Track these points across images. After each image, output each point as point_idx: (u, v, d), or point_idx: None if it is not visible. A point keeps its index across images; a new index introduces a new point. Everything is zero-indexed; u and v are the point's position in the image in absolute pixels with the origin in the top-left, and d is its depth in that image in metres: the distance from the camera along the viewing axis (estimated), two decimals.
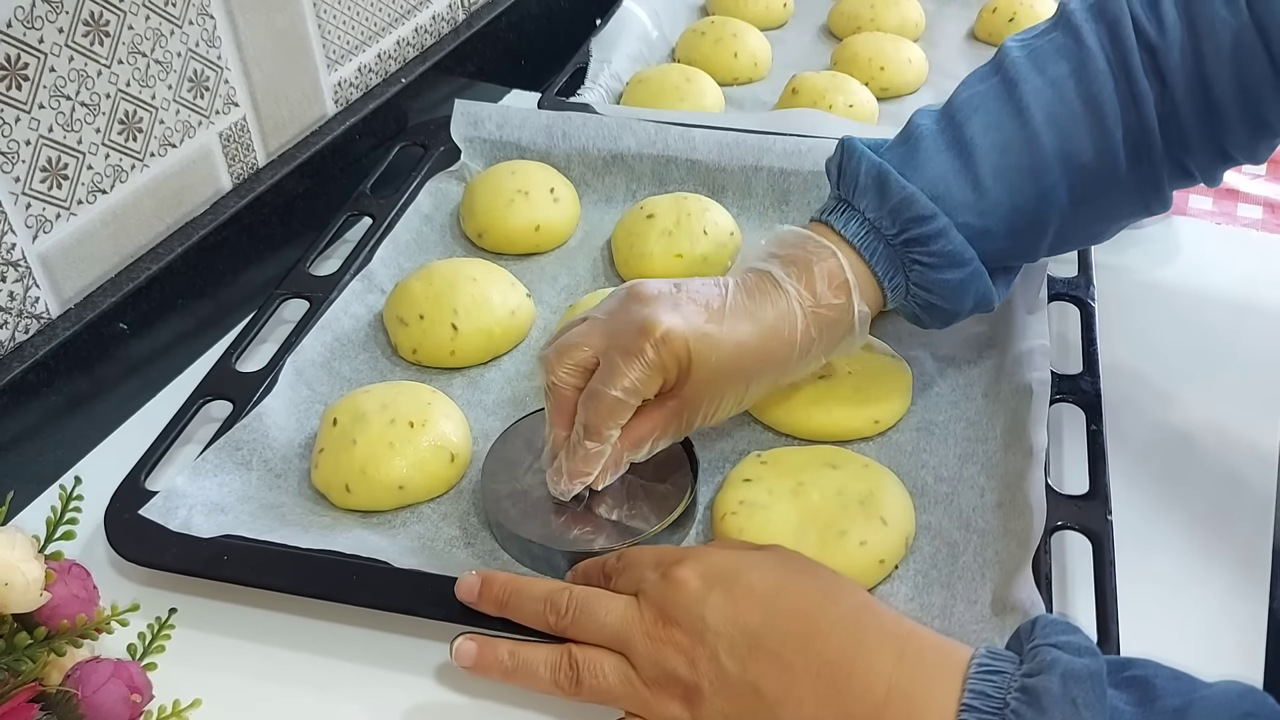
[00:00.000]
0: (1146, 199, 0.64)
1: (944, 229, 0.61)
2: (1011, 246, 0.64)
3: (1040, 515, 0.59)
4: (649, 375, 0.57)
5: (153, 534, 0.60)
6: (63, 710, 0.49)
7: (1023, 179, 0.62)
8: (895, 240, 0.62)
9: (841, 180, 0.65)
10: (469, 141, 0.92)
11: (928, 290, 0.64)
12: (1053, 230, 0.64)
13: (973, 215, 0.62)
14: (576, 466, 0.59)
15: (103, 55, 0.69)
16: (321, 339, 0.75)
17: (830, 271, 0.62)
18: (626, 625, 0.51)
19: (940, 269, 0.63)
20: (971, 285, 0.64)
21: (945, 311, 0.66)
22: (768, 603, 0.49)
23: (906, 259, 0.63)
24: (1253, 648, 0.59)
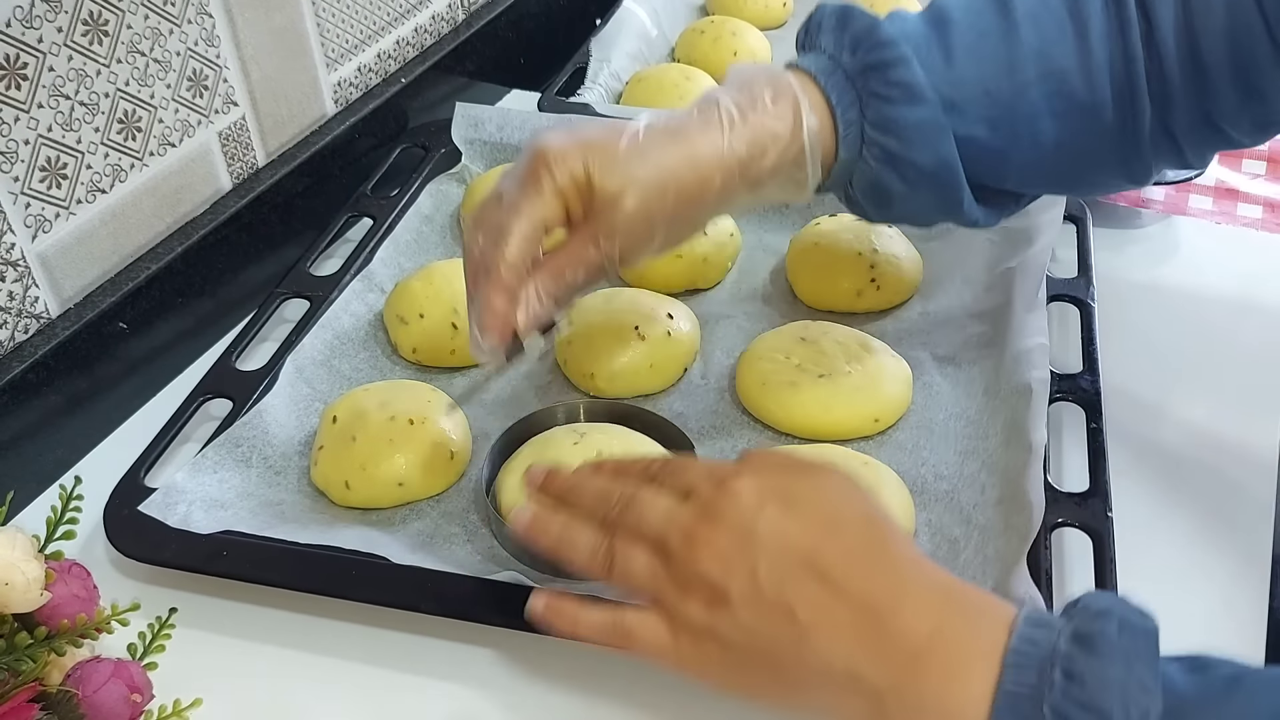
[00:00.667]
0: (1127, 155, 0.61)
1: (904, 57, 0.58)
2: (983, 139, 0.60)
3: (1039, 510, 0.59)
4: (538, 195, 0.54)
5: (152, 530, 0.60)
6: (63, 710, 0.49)
7: (997, 67, 0.59)
8: (853, 69, 0.58)
9: (808, 29, 0.62)
10: (470, 144, 0.92)
11: (884, 130, 0.58)
12: (1027, 142, 0.60)
13: (942, 82, 0.58)
14: (488, 306, 0.55)
15: (102, 55, 0.69)
16: (322, 337, 0.75)
17: (777, 87, 0.58)
18: (668, 522, 0.50)
19: (898, 102, 0.58)
20: (931, 133, 0.58)
21: (904, 164, 0.59)
22: (823, 528, 0.48)
23: (865, 90, 0.58)
24: (1253, 647, 0.59)
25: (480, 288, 0.56)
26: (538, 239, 0.56)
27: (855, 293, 0.78)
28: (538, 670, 0.58)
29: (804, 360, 0.70)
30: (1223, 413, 0.72)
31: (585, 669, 0.57)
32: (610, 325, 0.73)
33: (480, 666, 0.58)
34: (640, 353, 0.72)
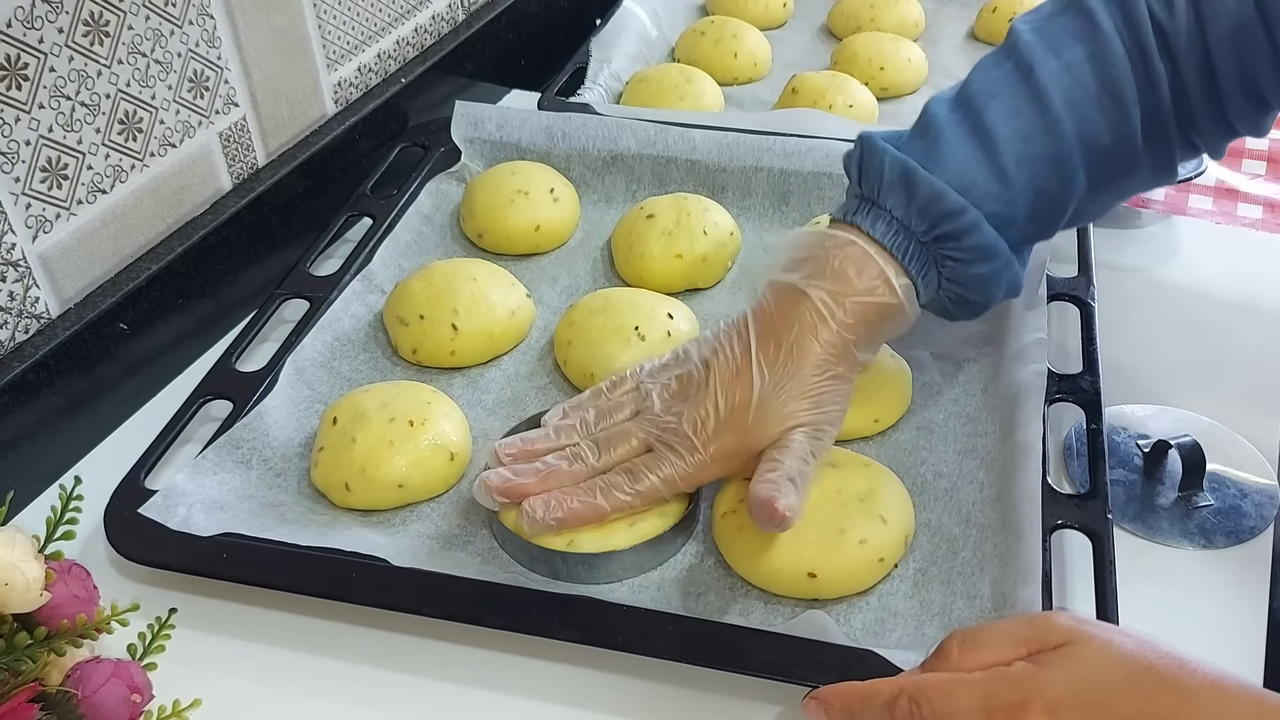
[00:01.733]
0: (1158, 173, 0.65)
1: (976, 223, 0.61)
2: (1033, 230, 0.64)
3: (1035, 507, 0.59)
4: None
5: (152, 532, 0.60)
6: (63, 710, 0.49)
7: (1045, 166, 0.61)
8: (926, 237, 0.62)
9: (864, 179, 0.63)
10: (469, 142, 0.92)
11: (960, 285, 0.63)
12: (1071, 210, 0.64)
13: (999, 205, 0.61)
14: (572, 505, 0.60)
15: (103, 55, 0.69)
16: (322, 338, 0.75)
17: (858, 263, 0.61)
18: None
19: (972, 263, 0.62)
20: (1003, 275, 0.63)
21: (976, 304, 0.65)
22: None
23: (939, 255, 0.62)
24: (1253, 647, 0.59)
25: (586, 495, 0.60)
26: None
27: None
28: (538, 672, 0.58)
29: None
30: (1223, 413, 0.72)
31: (585, 670, 0.57)
32: (610, 325, 0.73)
33: (480, 668, 0.58)
34: (640, 353, 0.72)
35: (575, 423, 0.64)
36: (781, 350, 0.60)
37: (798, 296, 0.61)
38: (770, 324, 0.61)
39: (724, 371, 0.61)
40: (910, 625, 0.58)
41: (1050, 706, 0.44)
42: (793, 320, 0.61)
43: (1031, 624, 0.48)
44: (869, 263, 0.61)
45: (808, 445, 0.60)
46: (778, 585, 0.60)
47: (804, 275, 0.62)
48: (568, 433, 0.64)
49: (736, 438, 0.60)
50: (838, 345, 0.61)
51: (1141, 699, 0.44)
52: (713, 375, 0.61)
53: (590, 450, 0.62)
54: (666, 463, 0.61)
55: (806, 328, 0.61)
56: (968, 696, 0.46)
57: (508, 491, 0.61)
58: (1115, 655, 0.45)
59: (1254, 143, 1.01)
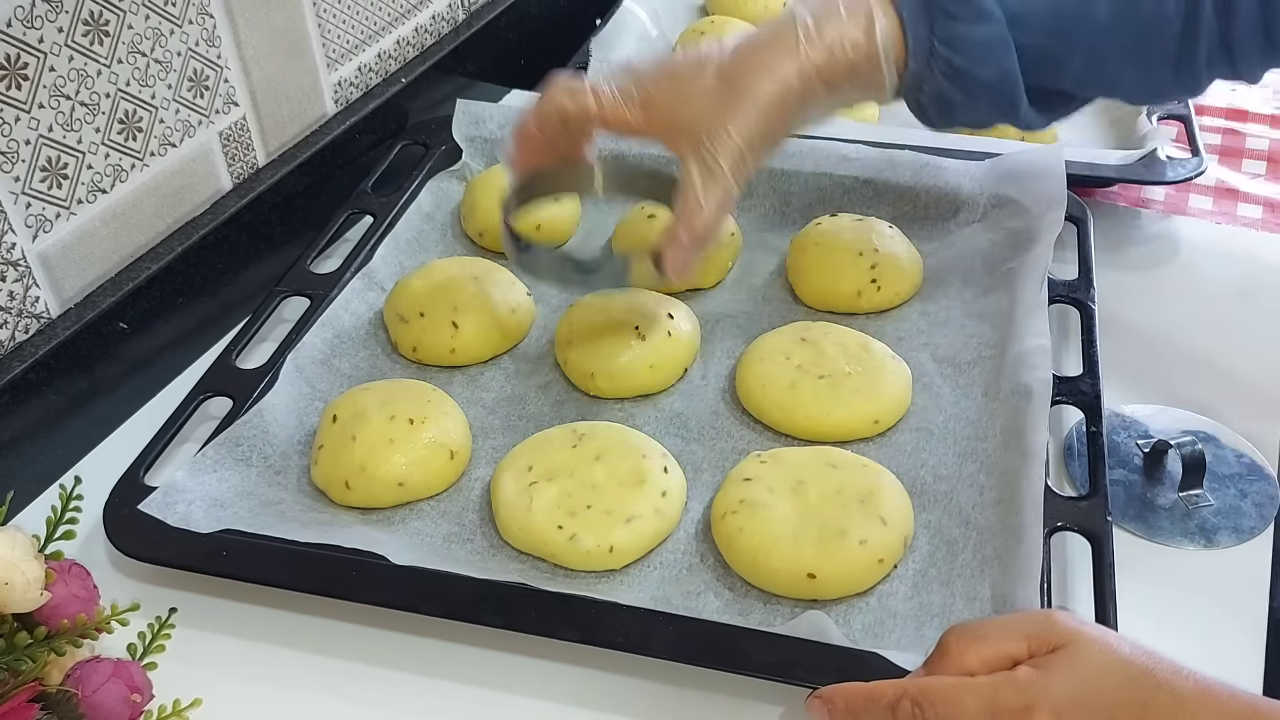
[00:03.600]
0: (1182, 65, 0.62)
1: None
2: (1044, 48, 0.62)
3: (1038, 512, 0.59)
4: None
5: (152, 529, 0.60)
6: (63, 710, 0.49)
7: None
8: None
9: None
10: (470, 141, 0.92)
11: (951, 47, 0.62)
12: (1087, 49, 0.62)
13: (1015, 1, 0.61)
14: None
15: (102, 55, 0.69)
16: (322, 336, 0.75)
17: (854, 8, 0.61)
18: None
19: (966, 20, 0.61)
20: (997, 51, 0.62)
21: (970, 81, 0.63)
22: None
23: (934, 8, 0.61)
24: (1253, 647, 0.59)
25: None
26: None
27: (855, 293, 0.78)
28: (538, 671, 0.58)
29: (804, 361, 0.70)
30: (1223, 413, 0.72)
31: (585, 670, 0.57)
32: (610, 325, 0.73)
33: (480, 667, 0.58)
34: (640, 353, 0.72)
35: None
36: (753, 54, 0.62)
37: (786, 15, 0.62)
38: (753, 35, 0.63)
39: (696, 53, 0.64)
40: (910, 626, 0.58)
41: (1055, 711, 0.44)
42: (770, 34, 0.62)
43: (1031, 620, 0.48)
44: (860, 2, 0.61)
45: (735, 158, 0.61)
46: (777, 586, 0.60)
47: (802, 2, 0.62)
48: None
49: (674, 104, 0.63)
50: (802, 68, 0.61)
51: (1141, 704, 0.44)
52: (681, 52, 0.68)
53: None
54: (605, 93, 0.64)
55: (781, 43, 0.62)
56: (972, 700, 0.46)
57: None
58: (1115, 659, 0.45)
59: (1254, 143, 1.01)
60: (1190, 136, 0.91)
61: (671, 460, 0.66)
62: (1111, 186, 0.91)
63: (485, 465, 0.68)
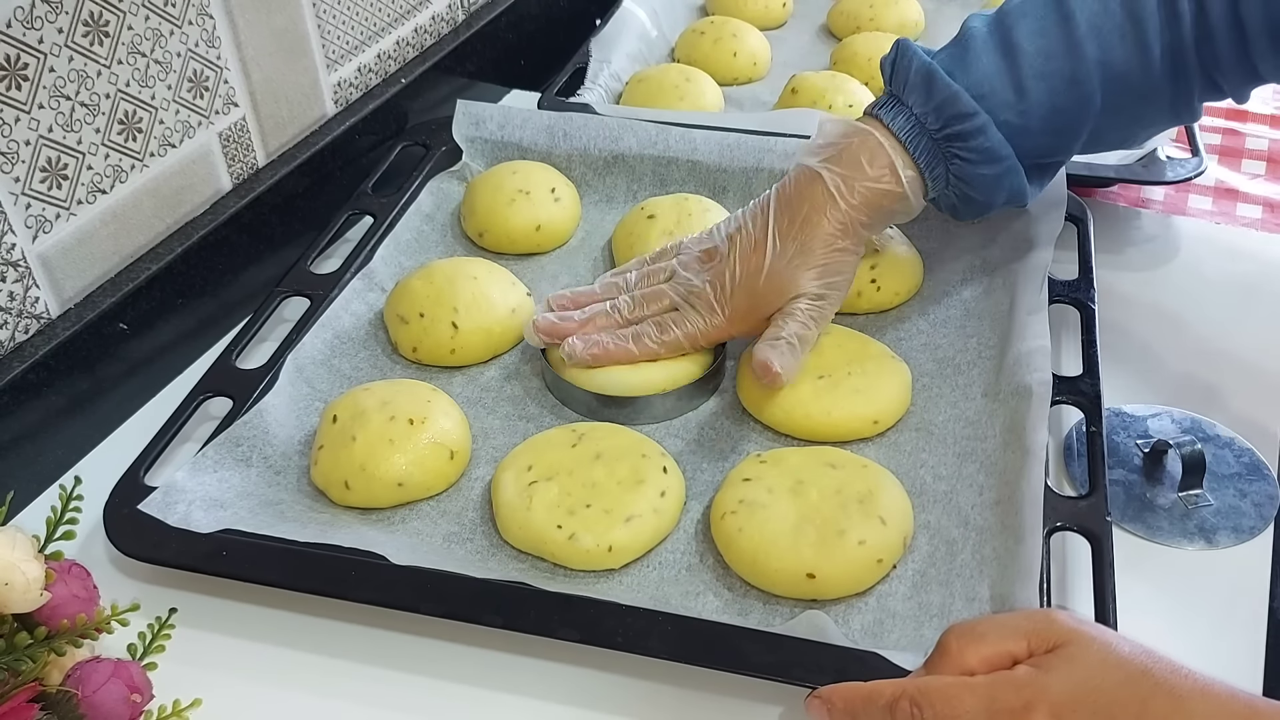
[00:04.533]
0: (1178, 110, 0.69)
1: (983, 126, 0.66)
2: (1048, 143, 0.69)
3: (1038, 512, 0.59)
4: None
5: (152, 529, 0.60)
6: (63, 710, 0.49)
7: (1064, 84, 0.66)
8: (938, 135, 0.68)
9: (894, 77, 0.70)
10: (470, 141, 0.92)
11: (965, 183, 0.69)
12: (1087, 131, 0.69)
13: (1013, 114, 0.67)
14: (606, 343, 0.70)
15: (102, 55, 0.69)
16: (322, 336, 0.75)
17: (871, 152, 0.68)
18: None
19: (978, 164, 0.68)
20: (1005, 180, 0.69)
21: (979, 203, 0.71)
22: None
23: (948, 153, 0.68)
24: (1253, 648, 0.59)
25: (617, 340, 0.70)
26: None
27: (855, 293, 0.78)
28: (538, 671, 0.58)
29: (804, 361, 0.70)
30: (1223, 413, 0.72)
31: (585, 670, 0.57)
32: None
33: (480, 667, 0.58)
34: (655, 378, 0.71)
35: (619, 281, 0.74)
36: (795, 225, 0.69)
37: (814, 178, 0.69)
38: (788, 201, 0.69)
39: (744, 243, 0.70)
40: (909, 626, 0.58)
41: (1054, 710, 0.44)
42: (807, 198, 0.69)
43: (1030, 618, 0.48)
44: (881, 153, 0.68)
45: (810, 311, 0.68)
46: (777, 586, 0.60)
47: (822, 160, 0.69)
48: (610, 289, 0.74)
49: (749, 301, 0.69)
50: (845, 223, 0.68)
51: (1139, 703, 0.44)
52: (734, 247, 0.70)
53: (627, 304, 0.72)
54: (690, 321, 0.70)
55: (818, 206, 0.68)
56: (971, 699, 0.46)
57: (552, 332, 0.72)
58: (1114, 658, 0.46)
59: (1254, 143, 1.01)
60: (1190, 136, 0.91)
61: (670, 460, 0.66)
62: (1111, 186, 0.91)
63: (485, 465, 0.68)
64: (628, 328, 0.71)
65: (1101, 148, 0.74)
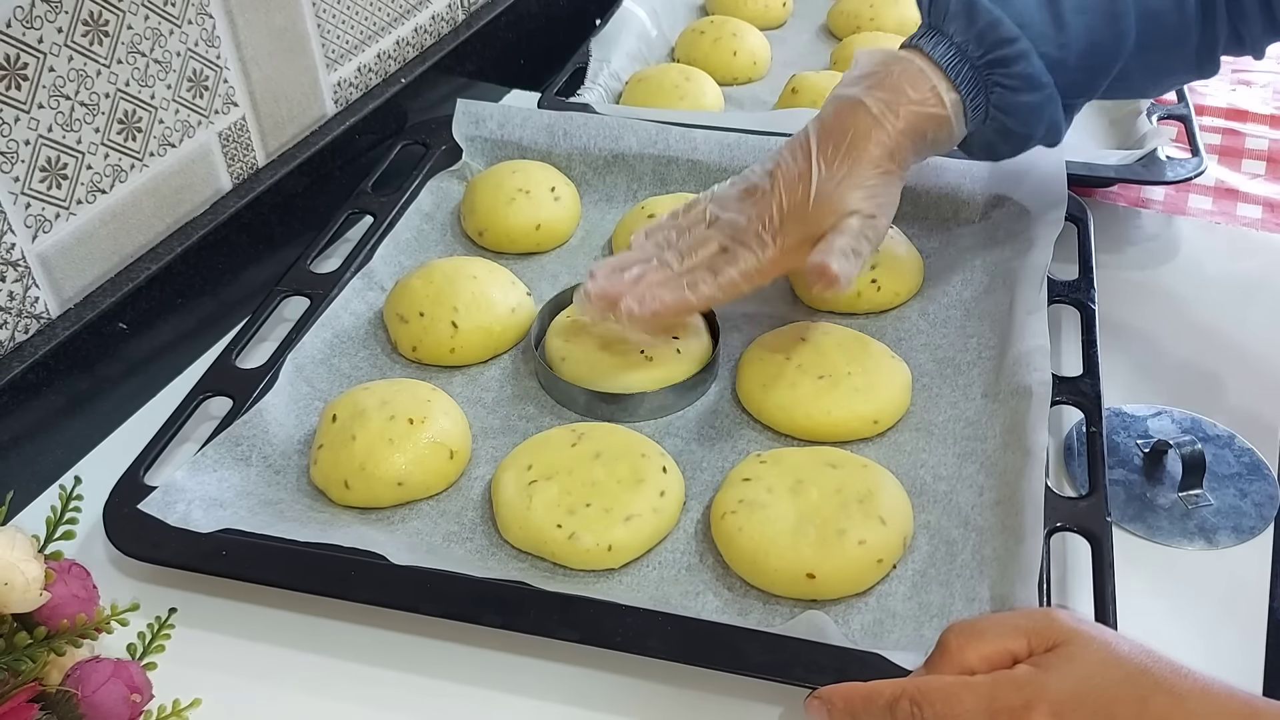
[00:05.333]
0: (1201, 60, 0.70)
1: (1026, 52, 0.66)
2: (1082, 80, 0.69)
3: (1038, 513, 0.59)
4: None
5: (152, 529, 0.60)
6: (63, 710, 0.49)
7: (1101, 20, 0.67)
8: (979, 62, 0.67)
9: (933, 7, 0.69)
10: (470, 140, 0.92)
11: (1005, 113, 0.69)
12: (1116, 70, 0.69)
13: (1052, 46, 0.67)
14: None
15: (102, 55, 0.69)
16: (322, 336, 0.75)
17: (912, 78, 0.67)
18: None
19: (1019, 91, 0.68)
20: (1045, 110, 0.69)
21: (1018, 136, 0.71)
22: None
23: (989, 81, 0.68)
24: (1253, 648, 0.59)
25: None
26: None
27: (855, 293, 0.78)
28: (537, 672, 0.58)
29: (804, 361, 0.70)
30: (1223, 413, 0.72)
31: (585, 670, 0.57)
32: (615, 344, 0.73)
33: (480, 668, 0.58)
34: (652, 375, 0.71)
35: (658, 239, 0.72)
36: (839, 151, 0.67)
37: (856, 104, 0.67)
38: (829, 130, 0.68)
39: (787, 175, 0.68)
40: (909, 626, 0.58)
41: (1054, 709, 0.44)
42: (849, 125, 0.67)
43: (1030, 617, 0.48)
44: (923, 78, 0.67)
45: (863, 228, 0.66)
46: (777, 585, 0.60)
47: (865, 87, 0.68)
48: (650, 250, 0.71)
49: (801, 228, 0.67)
50: (890, 145, 0.67)
51: (1139, 702, 0.44)
52: (776, 180, 0.68)
53: (675, 257, 0.70)
54: (742, 258, 0.68)
55: (862, 131, 0.67)
56: (971, 699, 0.46)
57: (604, 295, 0.68)
58: (1114, 657, 0.46)
59: (1254, 143, 1.01)
60: (1190, 136, 0.91)
61: (670, 460, 0.66)
62: (1111, 186, 0.91)
63: (485, 465, 0.68)
64: (681, 278, 0.69)
65: (1123, 92, 0.74)
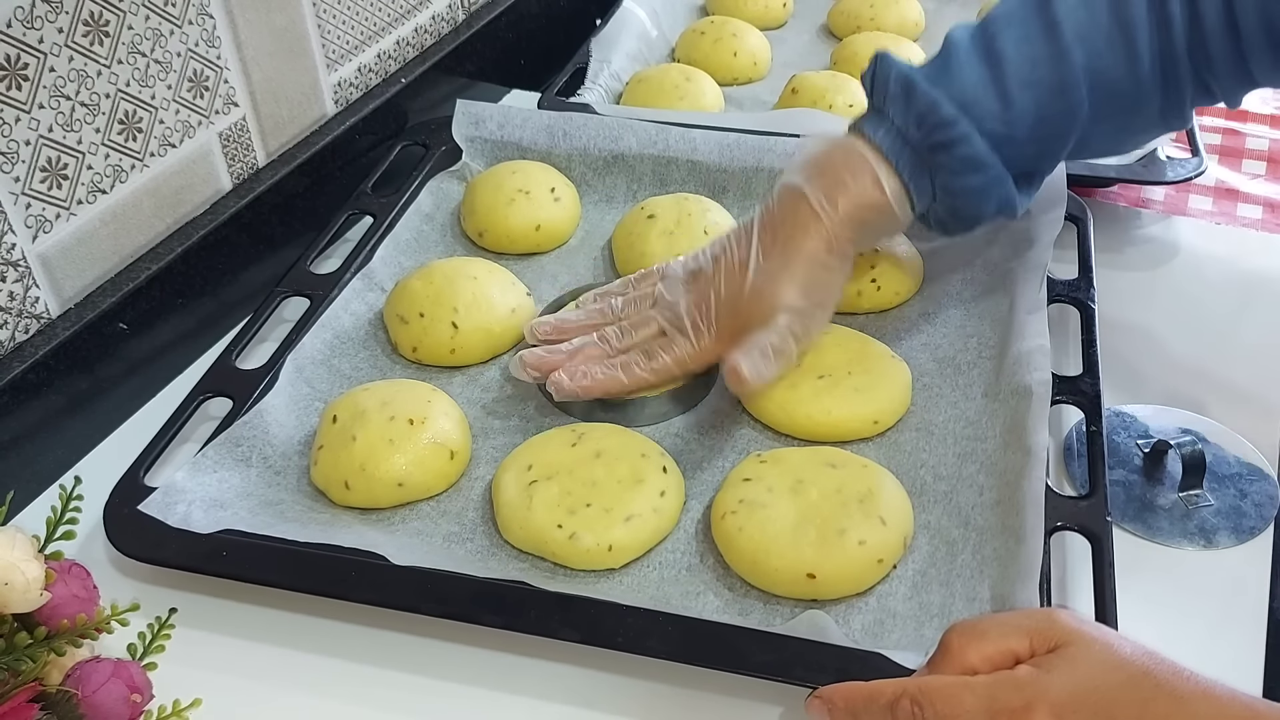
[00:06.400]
0: (1167, 117, 0.67)
1: (966, 135, 0.64)
2: (1034, 152, 0.68)
3: (1039, 512, 0.59)
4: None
5: (152, 530, 0.60)
6: (63, 710, 0.49)
7: (1049, 93, 0.65)
8: (921, 146, 0.66)
9: (874, 89, 0.68)
10: (470, 141, 0.92)
11: (951, 195, 0.67)
12: (1074, 139, 0.67)
13: (999, 124, 0.65)
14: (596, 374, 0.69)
15: (102, 55, 0.69)
16: (322, 336, 0.75)
17: (853, 166, 0.67)
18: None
19: (962, 174, 0.66)
20: (993, 190, 0.67)
21: (968, 216, 0.69)
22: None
23: (933, 164, 0.66)
24: (1253, 648, 0.59)
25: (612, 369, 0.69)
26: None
27: (855, 293, 0.78)
28: (538, 672, 0.58)
29: (804, 361, 0.70)
30: (1223, 413, 0.72)
31: (585, 670, 0.57)
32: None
33: (480, 668, 0.58)
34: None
35: (604, 307, 0.73)
36: (777, 243, 0.67)
37: (797, 195, 0.67)
38: (772, 221, 0.68)
39: (728, 263, 0.68)
40: (909, 626, 0.58)
41: (1055, 710, 0.44)
42: (790, 216, 0.67)
43: (1032, 617, 0.48)
44: (864, 166, 0.67)
45: (790, 325, 0.66)
46: (777, 585, 0.60)
47: (805, 176, 0.68)
48: (596, 315, 0.72)
49: (734, 320, 0.67)
50: (828, 237, 0.66)
51: (1140, 704, 0.44)
52: (718, 267, 0.68)
53: (615, 334, 0.71)
54: (677, 344, 0.69)
55: (802, 223, 0.67)
56: (971, 699, 0.46)
57: (539, 366, 0.70)
58: (1116, 659, 0.46)
59: (1254, 143, 1.01)
60: (1190, 136, 0.91)
61: (670, 460, 0.66)
62: (1111, 186, 0.91)
63: (485, 465, 0.68)
64: (616, 357, 0.70)
65: (1088, 155, 0.73)
